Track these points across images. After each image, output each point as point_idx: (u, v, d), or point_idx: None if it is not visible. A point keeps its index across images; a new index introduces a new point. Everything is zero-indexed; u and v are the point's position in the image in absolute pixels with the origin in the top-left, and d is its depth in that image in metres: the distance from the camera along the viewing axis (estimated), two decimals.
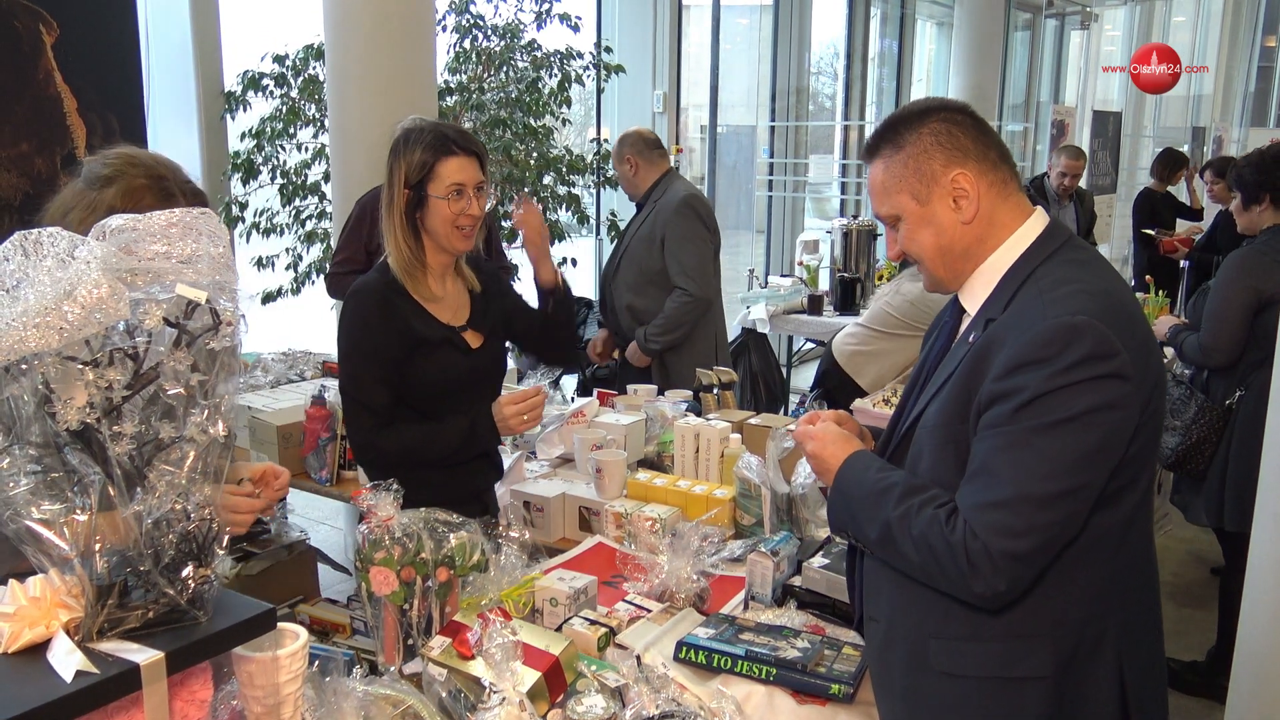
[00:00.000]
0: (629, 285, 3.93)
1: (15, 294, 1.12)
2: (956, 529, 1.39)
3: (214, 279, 1.25)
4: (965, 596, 1.42)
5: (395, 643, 1.80)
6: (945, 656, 1.50)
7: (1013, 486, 1.36)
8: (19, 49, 3.29)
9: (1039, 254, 1.48)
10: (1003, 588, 1.37)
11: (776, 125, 9.03)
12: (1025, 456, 1.35)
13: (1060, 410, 1.33)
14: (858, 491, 1.54)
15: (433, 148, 2.20)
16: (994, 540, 1.35)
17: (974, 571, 1.37)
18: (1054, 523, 1.36)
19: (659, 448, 2.89)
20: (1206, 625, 3.96)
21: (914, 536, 1.42)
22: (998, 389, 1.38)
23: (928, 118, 1.51)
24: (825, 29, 9.93)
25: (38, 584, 1.21)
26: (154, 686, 1.18)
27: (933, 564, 1.41)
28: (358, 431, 2.31)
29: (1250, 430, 3.24)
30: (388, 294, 2.25)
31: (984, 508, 1.37)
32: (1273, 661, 2.39)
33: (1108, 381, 1.34)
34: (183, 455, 1.22)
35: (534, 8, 5.41)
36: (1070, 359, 1.33)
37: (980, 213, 1.49)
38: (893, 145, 1.52)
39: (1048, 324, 1.36)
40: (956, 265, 1.53)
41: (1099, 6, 13.04)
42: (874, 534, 1.50)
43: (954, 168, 1.48)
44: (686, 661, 1.82)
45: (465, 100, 5.26)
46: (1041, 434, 1.34)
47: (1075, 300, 1.38)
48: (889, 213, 1.55)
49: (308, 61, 5.03)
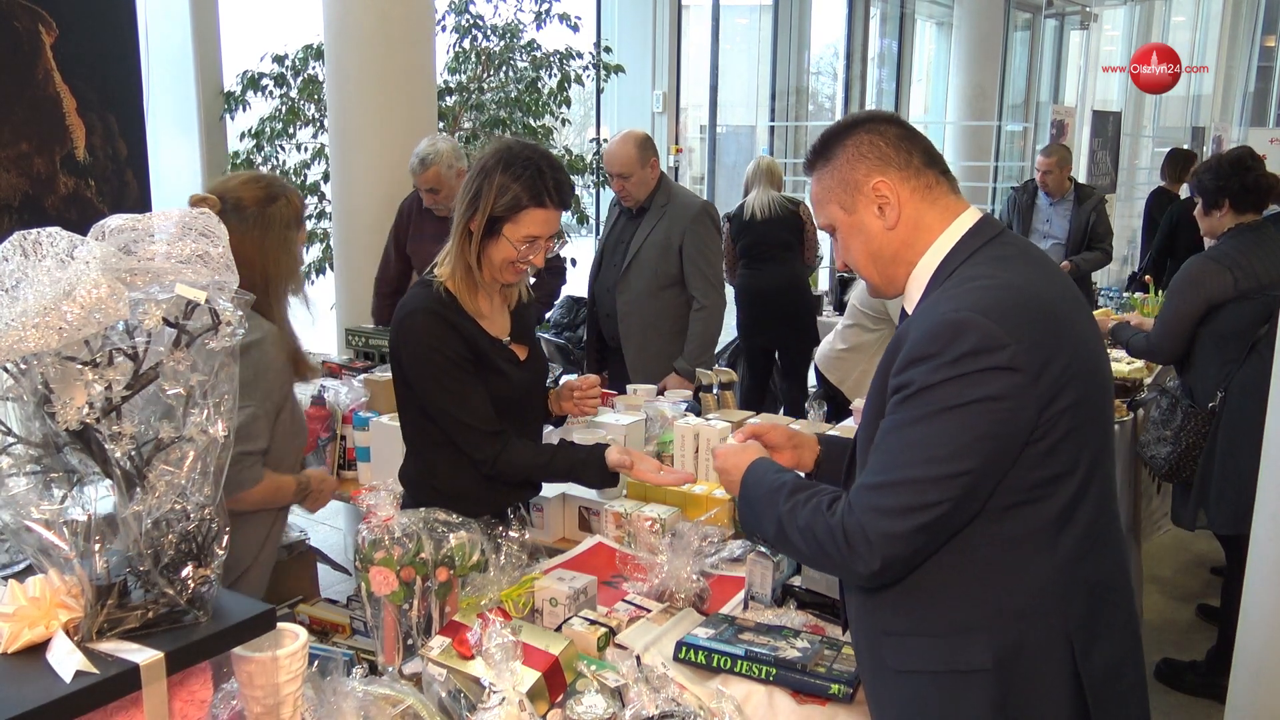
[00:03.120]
0: (641, 291, 3.87)
1: (14, 294, 1.12)
2: (836, 511, 1.45)
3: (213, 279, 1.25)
4: (850, 579, 1.52)
5: (395, 643, 1.80)
6: (896, 653, 1.53)
7: (894, 469, 1.41)
8: (18, 49, 3.29)
9: (961, 253, 1.52)
10: (877, 566, 1.42)
11: (776, 125, 9.04)
12: (907, 440, 1.41)
13: (944, 400, 1.38)
14: (756, 493, 1.63)
15: (529, 192, 2.10)
16: (870, 519, 1.41)
17: (852, 551, 1.42)
18: (930, 505, 1.39)
19: (659, 448, 2.89)
20: (1206, 625, 3.96)
21: (800, 527, 1.50)
22: (894, 383, 1.44)
23: (854, 130, 1.57)
24: (825, 29, 9.94)
25: (37, 584, 1.21)
26: (154, 687, 1.18)
27: (817, 549, 1.48)
28: (483, 457, 2.18)
29: (1234, 430, 3.26)
30: (444, 311, 2.16)
31: (865, 489, 1.44)
32: (1272, 661, 2.39)
33: (993, 374, 1.37)
34: (182, 455, 1.22)
35: (533, 8, 5.42)
36: (954, 353, 1.37)
37: (904, 217, 1.54)
38: (824, 159, 1.59)
39: (934, 320, 1.41)
40: (888, 270, 1.59)
41: (1098, 6, 13.04)
42: (770, 531, 1.58)
43: (874, 175, 1.54)
44: (686, 661, 1.82)
45: (465, 100, 5.26)
46: (924, 421, 1.40)
47: (970, 296, 1.42)
48: (825, 224, 1.63)
49: (307, 61, 5.04)
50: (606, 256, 4.04)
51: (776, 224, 5.23)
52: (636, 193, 3.86)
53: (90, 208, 3.56)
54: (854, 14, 9.74)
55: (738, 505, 1.70)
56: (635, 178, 3.81)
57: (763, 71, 9.06)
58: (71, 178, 3.49)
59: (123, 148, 3.65)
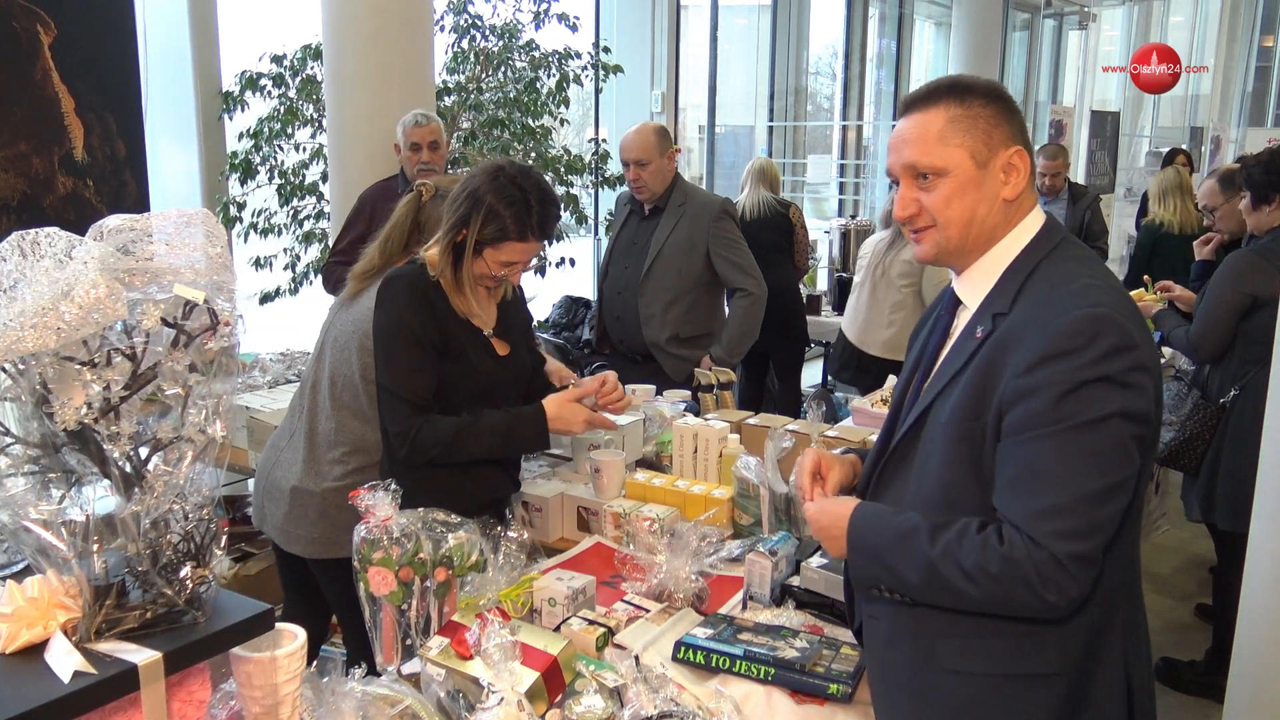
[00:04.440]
0: (666, 291, 3.81)
1: (13, 294, 1.12)
2: (1014, 544, 1.35)
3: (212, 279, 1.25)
4: (1038, 612, 1.38)
5: (394, 643, 1.80)
6: (954, 654, 1.49)
7: (1068, 488, 1.34)
8: (17, 49, 3.28)
9: (1041, 249, 1.49)
10: (1075, 593, 1.35)
11: (775, 125, 9.04)
12: (1073, 455, 1.34)
13: (1098, 404, 1.33)
14: (878, 543, 1.50)
15: (515, 226, 2.16)
16: (1060, 546, 1.33)
17: (1045, 583, 1.33)
18: (1111, 518, 1.36)
19: (657, 448, 2.89)
20: (1205, 625, 3.96)
21: (966, 570, 1.38)
22: (1024, 385, 1.36)
23: (994, 93, 1.49)
24: (824, 29, 9.93)
25: (35, 584, 1.21)
26: (152, 687, 1.18)
27: (996, 591, 1.37)
28: (396, 424, 2.18)
29: (1243, 429, 3.24)
30: (424, 285, 2.21)
31: (1041, 515, 1.34)
32: (1271, 661, 2.39)
33: (1134, 373, 1.34)
34: (181, 455, 1.21)
35: (532, 8, 5.41)
36: (1098, 350, 1.33)
37: (1019, 196, 1.49)
38: (959, 102, 1.48)
39: (1072, 316, 1.35)
40: (978, 241, 1.51)
41: (1097, 6, 13.05)
42: (916, 579, 1.45)
43: (1015, 143, 1.48)
44: (685, 661, 1.82)
45: (463, 100, 5.26)
46: (1084, 431, 1.33)
47: (1092, 293, 1.39)
48: (934, 164, 1.48)
49: (305, 61, 5.03)
50: (617, 258, 3.95)
51: (764, 225, 5.21)
52: (653, 184, 3.76)
53: (89, 208, 3.56)
54: (853, 14, 9.74)
55: (849, 561, 1.58)
56: (653, 166, 3.73)
57: (761, 72, 9.06)
58: (70, 178, 3.49)
59: (121, 148, 3.65)
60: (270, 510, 2.49)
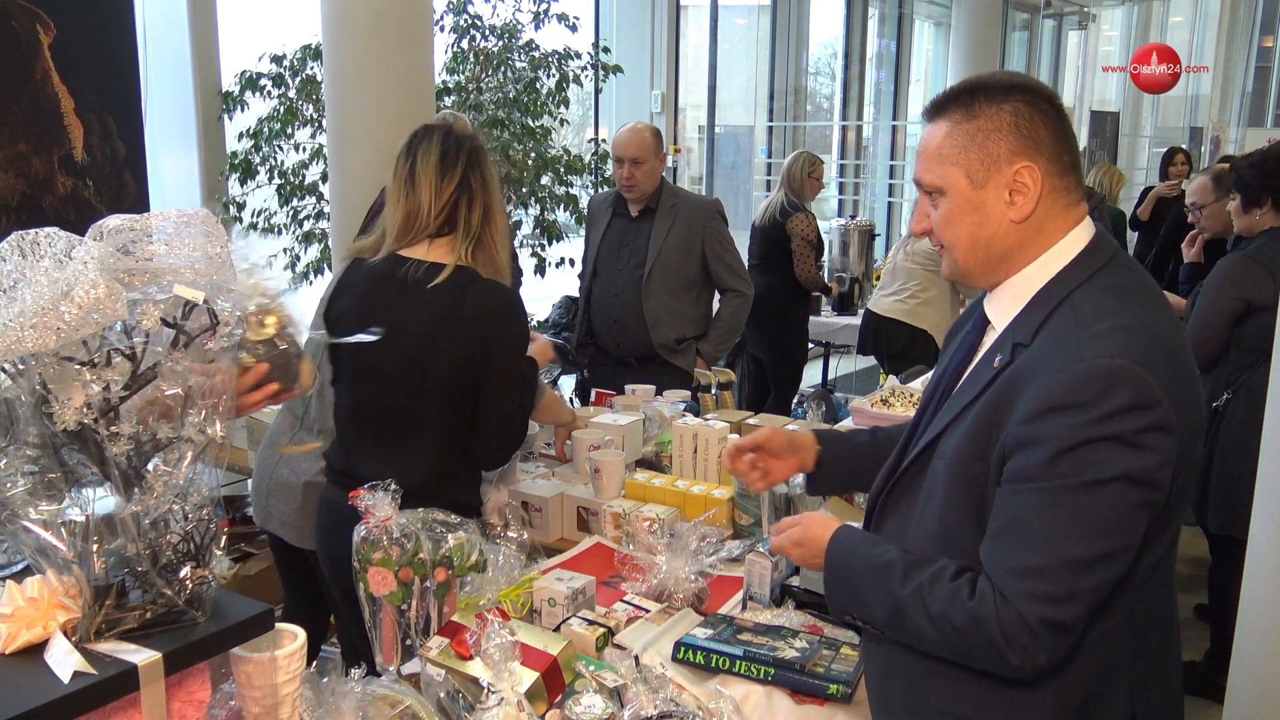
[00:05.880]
0: (670, 293, 3.83)
1: (12, 294, 1.12)
2: (984, 599, 1.26)
3: (212, 279, 1.25)
4: (1003, 672, 1.29)
5: (393, 643, 1.80)
6: (945, 698, 1.41)
7: (1049, 550, 1.23)
8: (16, 49, 3.28)
9: (1078, 274, 1.34)
10: (1042, 661, 1.25)
11: (774, 125, 9.04)
12: (1061, 516, 1.23)
13: (1099, 466, 1.21)
14: (851, 571, 1.44)
15: None
16: (1031, 608, 1.23)
17: (1009, 644, 1.24)
18: (1096, 588, 1.25)
19: (657, 448, 2.89)
20: (1204, 625, 3.96)
21: (932, 616, 1.31)
22: (1025, 434, 1.26)
23: (1013, 93, 1.34)
24: (823, 29, 9.93)
25: (35, 585, 1.21)
26: (151, 687, 1.18)
27: (959, 643, 1.30)
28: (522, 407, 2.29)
29: (1235, 433, 3.24)
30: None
31: (1018, 574, 1.25)
32: (1271, 661, 2.39)
33: (1149, 434, 1.21)
34: (180, 455, 1.21)
35: (532, 8, 5.41)
36: (1108, 407, 1.20)
37: (1034, 216, 1.34)
38: (965, 111, 1.36)
39: (1084, 365, 1.23)
40: (988, 264, 1.39)
41: (1096, 6, 13.04)
42: (883, 615, 1.38)
43: (1022, 158, 1.33)
44: (685, 662, 1.82)
45: (463, 100, 5.26)
46: (1079, 492, 1.22)
47: (1115, 339, 1.24)
48: (934, 183, 1.38)
49: (305, 61, 5.03)
50: (605, 261, 3.93)
51: (762, 232, 5.24)
52: (645, 184, 3.77)
53: (88, 208, 3.55)
54: (852, 14, 9.74)
55: (825, 583, 1.51)
56: (648, 165, 3.74)
57: (761, 72, 9.06)
58: (69, 178, 3.49)
59: (121, 148, 3.65)
60: (277, 507, 2.49)
